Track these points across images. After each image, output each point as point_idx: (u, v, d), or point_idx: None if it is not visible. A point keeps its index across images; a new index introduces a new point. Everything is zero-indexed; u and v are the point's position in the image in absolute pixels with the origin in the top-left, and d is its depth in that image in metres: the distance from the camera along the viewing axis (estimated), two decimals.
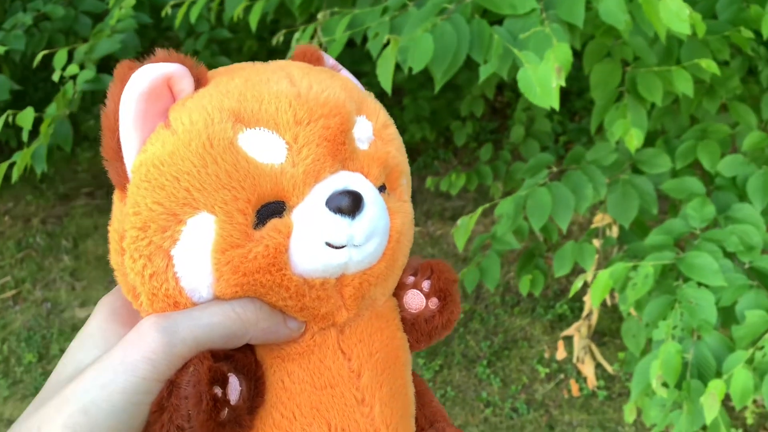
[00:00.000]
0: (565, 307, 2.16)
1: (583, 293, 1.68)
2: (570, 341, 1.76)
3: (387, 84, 1.00)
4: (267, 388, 0.37)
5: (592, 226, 1.52)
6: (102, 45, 1.49)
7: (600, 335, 2.04)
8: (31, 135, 1.42)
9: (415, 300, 0.43)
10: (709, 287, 1.10)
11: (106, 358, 0.34)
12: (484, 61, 1.01)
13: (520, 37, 0.94)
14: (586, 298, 1.62)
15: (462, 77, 2.21)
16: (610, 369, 1.79)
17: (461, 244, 1.28)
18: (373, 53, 1.10)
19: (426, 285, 0.43)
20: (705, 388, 1.02)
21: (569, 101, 2.83)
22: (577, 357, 1.63)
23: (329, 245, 0.35)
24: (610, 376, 1.93)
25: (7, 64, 2.12)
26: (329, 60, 0.44)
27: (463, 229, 1.25)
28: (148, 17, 1.72)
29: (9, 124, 1.39)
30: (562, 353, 1.69)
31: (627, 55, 1.26)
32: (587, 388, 1.89)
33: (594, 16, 1.06)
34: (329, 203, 0.35)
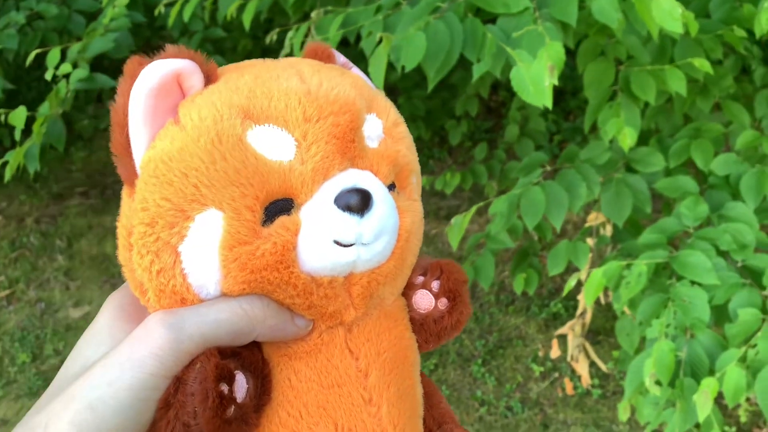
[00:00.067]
0: (560, 305, 2.16)
1: (578, 292, 1.68)
2: (564, 340, 1.76)
3: (379, 82, 1.00)
4: (274, 386, 0.37)
5: (586, 225, 1.52)
6: (95, 44, 1.48)
7: (594, 334, 2.04)
8: (24, 134, 1.42)
9: (424, 300, 0.43)
10: (702, 285, 1.10)
11: (112, 355, 0.34)
12: (478, 60, 1.01)
13: (513, 36, 0.94)
14: (580, 296, 1.62)
15: (456, 76, 2.21)
16: (604, 367, 1.79)
17: (455, 243, 1.28)
18: (367, 52, 1.10)
19: (435, 285, 0.43)
20: (698, 386, 1.02)
21: (564, 100, 2.83)
22: (571, 355, 1.63)
23: (337, 243, 0.35)
24: (605, 375, 1.93)
25: (0, 63, 2.11)
26: (340, 57, 0.43)
27: (457, 227, 1.25)
28: (141, 16, 1.72)
29: (2, 124, 1.39)
30: (556, 352, 1.70)
31: (620, 54, 1.27)
32: (582, 387, 1.89)
33: (587, 14, 1.06)
34: (338, 201, 0.35)
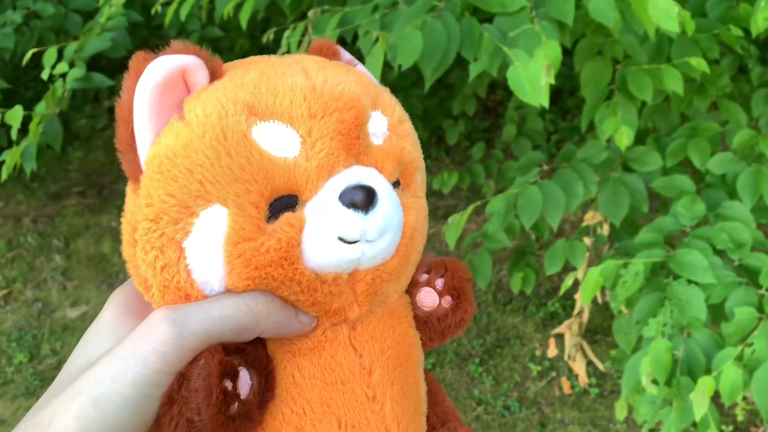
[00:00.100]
0: (557, 305, 2.16)
1: (575, 291, 1.68)
2: (561, 339, 1.76)
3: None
4: (277, 382, 0.37)
5: (583, 224, 1.52)
6: (92, 43, 1.47)
7: (592, 333, 2.04)
8: (21, 134, 1.42)
9: (428, 298, 0.43)
10: (698, 284, 1.10)
11: (116, 351, 0.34)
12: (475, 59, 1.01)
13: (510, 35, 0.94)
14: (578, 295, 1.62)
15: (454, 76, 2.21)
16: (601, 366, 1.79)
17: (452, 242, 1.28)
18: (364, 51, 1.10)
19: (439, 283, 0.43)
20: (694, 385, 1.02)
21: (561, 100, 2.83)
22: (568, 355, 1.63)
23: (342, 240, 0.35)
24: (602, 374, 1.93)
25: None
26: (345, 54, 0.43)
27: (454, 226, 1.25)
28: (138, 15, 1.71)
29: None
30: (553, 351, 1.70)
31: (617, 54, 1.27)
32: (579, 386, 1.89)
33: (584, 14, 1.06)
34: (342, 198, 0.35)
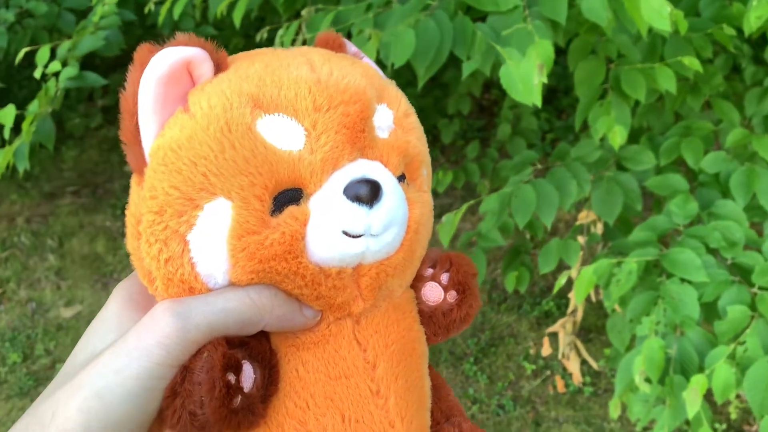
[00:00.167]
0: (552, 304, 2.17)
1: (569, 290, 1.68)
2: (555, 338, 1.76)
3: None
4: (281, 376, 0.37)
5: (577, 223, 1.52)
6: (85, 42, 1.47)
7: (586, 332, 2.05)
8: (14, 133, 1.41)
9: (433, 293, 0.42)
10: (691, 283, 1.10)
11: (120, 343, 0.34)
12: (468, 58, 1.01)
13: (503, 34, 0.94)
14: (572, 294, 1.62)
15: (449, 75, 2.21)
16: (595, 365, 1.79)
17: (446, 241, 1.28)
18: None
19: (445, 278, 0.43)
20: (687, 383, 1.02)
21: (556, 99, 2.84)
22: (562, 353, 1.63)
23: (346, 234, 0.35)
24: (596, 373, 1.93)
25: None
26: (351, 47, 0.43)
27: (448, 225, 1.25)
28: (132, 14, 1.71)
29: None
30: (547, 350, 1.70)
31: (611, 53, 1.27)
32: (573, 385, 1.89)
33: (577, 13, 1.06)
34: (347, 191, 0.35)
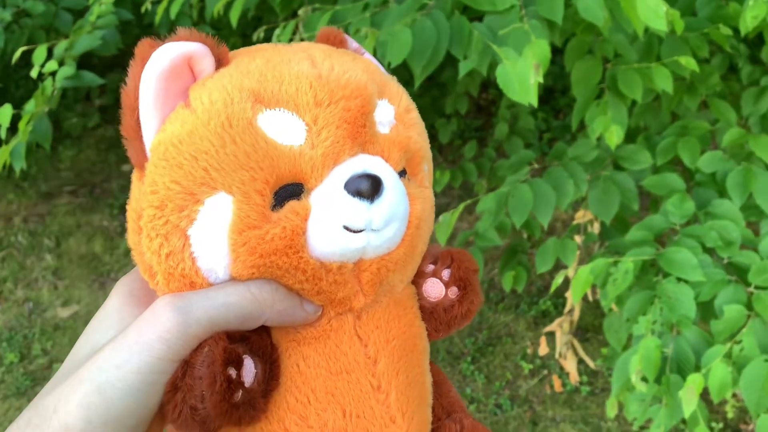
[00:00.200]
0: (549, 303, 2.17)
1: (567, 289, 1.69)
2: (553, 337, 1.77)
3: None
4: (282, 371, 0.37)
5: (574, 223, 1.53)
6: (82, 41, 1.47)
7: (583, 331, 2.05)
8: (11, 132, 1.41)
9: (434, 289, 0.42)
10: (688, 282, 1.10)
11: (121, 338, 0.34)
12: (464, 57, 1.01)
13: (500, 34, 0.94)
14: (569, 294, 1.63)
15: (446, 75, 2.21)
16: (592, 364, 1.80)
17: (443, 240, 1.28)
18: None
19: (446, 274, 0.42)
20: (684, 382, 1.02)
21: (554, 99, 2.84)
22: (559, 353, 1.64)
23: (347, 229, 0.35)
24: (593, 372, 1.94)
25: None
26: (352, 43, 0.43)
27: (444, 225, 1.25)
28: (129, 13, 1.70)
29: None
30: (544, 349, 1.70)
31: (608, 53, 1.27)
32: (570, 384, 1.90)
33: (574, 13, 1.06)
34: (348, 186, 0.35)
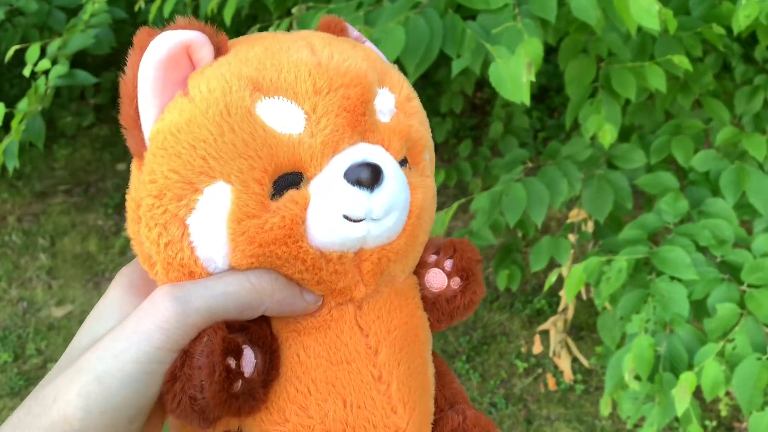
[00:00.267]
0: (543, 302, 2.17)
1: (561, 288, 1.69)
2: (547, 336, 1.77)
3: None
4: (282, 361, 0.37)
5: (568, 221, 1.53)
6: (75, 40, 1.46)
7: (577, 329, 2.05)
8: (4, 131, 1.40)
9: (436, 279, 0.42)
10: (681, 281, 1.11)
11: (120, 328, 0.34)
12: (458, 56, 1.01)
13: (493, 32, 0.94)
14: (562, 292, 1.63)
15: (441, 74, 2.21)
16: (586, 363, 1.80)
17: None
18: None
19: (448, 264, 0.42)
20: (677, 380, 1.03)
21: (548, 98, 2.84)
22: (553, 351, 1.64)
23: (347, 218, 0.35)
24: (588, 370, 1.94)
25: None
26: (353, 31, 0.43)
27: (438, 223, 1.25)
28: (123, 12, 1.70)
29: None
30: (538, 348, 1.70)
31: (601, 51, 1.27)
32: (564, 383, 1.90)
33: (567, 12, 1.06)
34: (347, 175, 0.35)
